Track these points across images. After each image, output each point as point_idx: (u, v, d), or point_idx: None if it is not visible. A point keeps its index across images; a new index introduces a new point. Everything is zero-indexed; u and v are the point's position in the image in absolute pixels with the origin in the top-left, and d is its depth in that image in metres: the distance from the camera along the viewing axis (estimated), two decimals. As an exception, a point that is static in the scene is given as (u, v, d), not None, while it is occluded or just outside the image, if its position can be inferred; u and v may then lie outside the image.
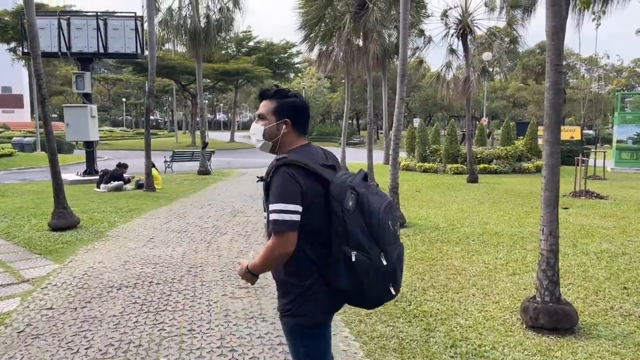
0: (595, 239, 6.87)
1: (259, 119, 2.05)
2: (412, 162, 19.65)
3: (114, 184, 12.45)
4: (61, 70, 54.85)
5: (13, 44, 32.33)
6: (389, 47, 17.45)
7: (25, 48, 14.99)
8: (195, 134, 40.08)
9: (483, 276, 5.18)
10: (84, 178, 14.42)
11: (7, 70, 44.89)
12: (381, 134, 44.33)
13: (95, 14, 14.60)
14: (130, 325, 3.89)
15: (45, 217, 8.08)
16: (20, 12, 22.08)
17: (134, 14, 14.81)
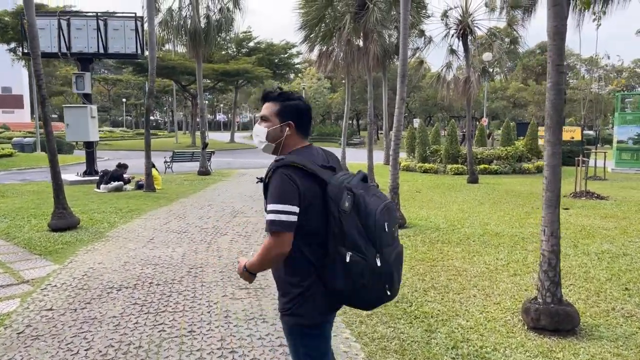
0: (596, 240, 6.86)
1: (262, 120, 2.06)
2: (412, 163, 19.64)
3: (114, 184, 12.45)
4: (61, 70, 54.87)
5: (13, 45, 32.36)
6: (389, 48, 17.45)
7: (25, 48, 14.98)
8: (196, 135, 40.07)
9: (484, 277, 5.17)
10: (84, 178, 14.42)
11: (7, 70, 44.89)
12: (381, 134, 44.32)
13: (96, 15, 14.60)
14: (130, 326, 3.88)
15: (45, 218, 8.07)
16: (20, 13, 22.09)
17: (134, 15, 14.81)
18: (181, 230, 7.57)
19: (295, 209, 1.82)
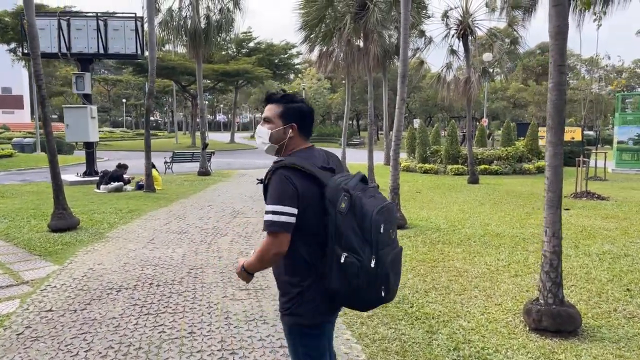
0: (597, 241, 6.84)
1: (265, 122, 2.08)
2: (413, 163, 19.63)
3: (114, 184, 12.43)
4: (61, 71, 54.85)
5: (13, 45, 32.36)
6: (390, 48, 17.43)
7: (25, 49, 14.96)
8: (196, 135, 40.05)
9: (485, 278, 5.15)
10: (84, 179, 14.40)
11: (7, 71, 44.85)
12: (381, 134, 44.31)
13: (96, 15, 14.58)
14: (130, 327, 3.86)
15: (45, 218, 8.05)
16: (20, 13, 22.10)
17: (134, 15, 14.79)
18: (181, 231, 7.56)
19: (293, 210, 1.84)
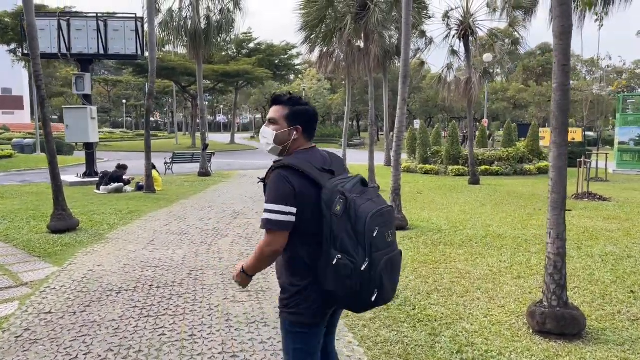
0: (600, 242, 6.80)
1: (270, 123, 2.11)
2: (413, 164, 19.59)
3: (114, 185, 12.40)
4: (61, 71, 54.78)
5: (13, 46, 32.34)
6: (390, 49, 17.41)
7: (25, 49, 14.94)
8: (196, 136, 40.01)
9: (487, 279, 5.12)
10: (83, 180, 14.37)
11: (7, 71, 44.83)
12: (382, 135, 44.28)
13: (96, 15, 14.55)
14: (130, 330, 3.83)
15: (45, 219, 8.02)
16: (20, 14, 22.08)
17: (134, 15, 14.77)
18: (181, 232, 7.52)
19: (291, 209, 1.88)
